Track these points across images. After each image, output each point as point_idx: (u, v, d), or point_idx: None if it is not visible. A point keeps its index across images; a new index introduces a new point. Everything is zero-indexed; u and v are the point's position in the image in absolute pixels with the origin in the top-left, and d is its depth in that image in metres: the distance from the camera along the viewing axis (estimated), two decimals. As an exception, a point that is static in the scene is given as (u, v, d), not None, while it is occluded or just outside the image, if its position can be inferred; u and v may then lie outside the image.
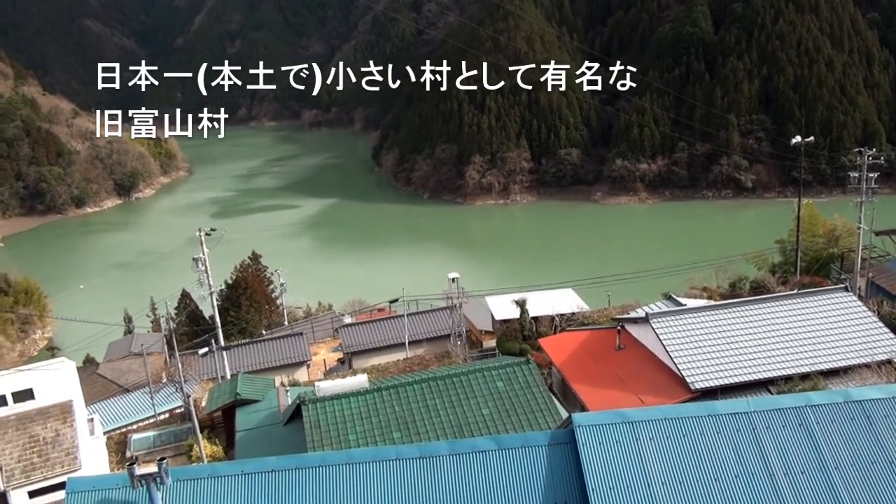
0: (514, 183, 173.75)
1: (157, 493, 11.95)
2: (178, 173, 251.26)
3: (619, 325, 32.89)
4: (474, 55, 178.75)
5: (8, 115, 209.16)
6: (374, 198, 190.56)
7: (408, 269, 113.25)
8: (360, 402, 23.44)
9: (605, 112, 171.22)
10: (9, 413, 26.10)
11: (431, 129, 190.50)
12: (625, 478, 11.77)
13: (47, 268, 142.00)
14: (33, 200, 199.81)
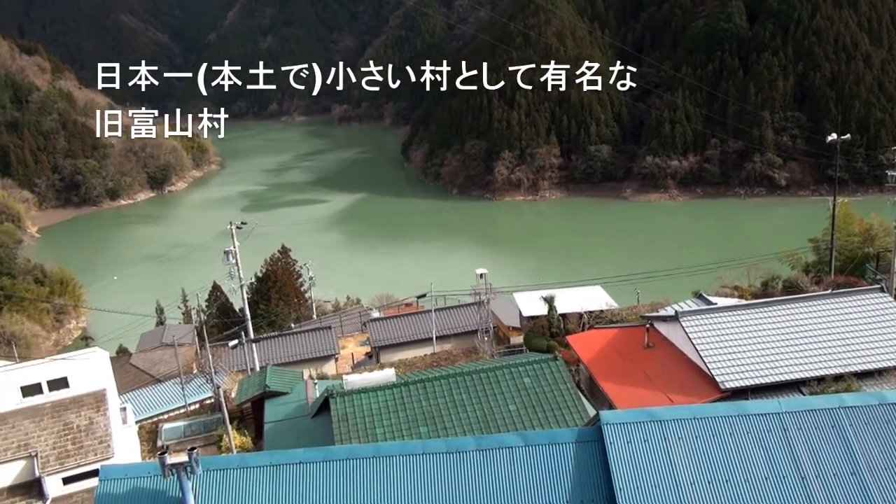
0: (543, 179, 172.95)
1: (187, 482, 12.10)
2: (210, 167, 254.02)
3: (648, 323, 32.61)
4: (505, 50, 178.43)
5: (45, 108, 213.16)
6: (402, 193, 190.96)
7: (436, 264, 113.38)
8: (387, 396, 23.53)
9: (637, 108, 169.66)
10: (44, 401, 26.61)
11: (461, 125, 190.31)
12: (652, 477, 11.68)
13: (82, 259, 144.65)
14: (69, 192, 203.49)
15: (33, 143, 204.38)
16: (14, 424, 25.67)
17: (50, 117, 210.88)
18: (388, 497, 12.09)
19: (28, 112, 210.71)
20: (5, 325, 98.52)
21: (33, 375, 26.61)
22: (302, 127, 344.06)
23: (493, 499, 12.01)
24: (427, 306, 57.53)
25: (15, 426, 25.62)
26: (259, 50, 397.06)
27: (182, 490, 12.14)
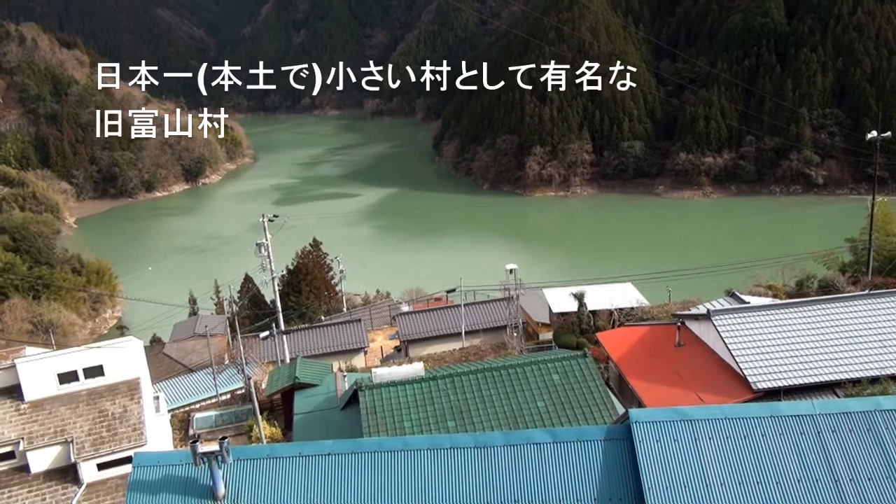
0: (575, 175, 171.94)
1: (218, 471, 12.27)
2: (244, 160, 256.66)
3: (680, 322, 32.27)
4: (537, 45, 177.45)
5: (84, 101, 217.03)
6: (433, 188, 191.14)
7: (466, 259, 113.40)
8: (415, 389, 23.61)
9: (671, 104, 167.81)
10: (80, 388, 27.12)
11: (493, 120, 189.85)
12: (682, 476, 11.57)
13: (118, 249, 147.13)
14: (106, 184, 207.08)
15: (72, 136, 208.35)
16: (51, 410, 26.24)
17: (88, 110, 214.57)
18: (415, 490, 12.14)
19: (67, 105, 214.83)
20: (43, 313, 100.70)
21: (70, 363, 27.12)
22: (334, 121, 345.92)
23: (520, 495, 12.00)
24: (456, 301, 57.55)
25: (52, 412, 26.19)
26: (293, 44, 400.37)
27: (213, 478, 12.31)
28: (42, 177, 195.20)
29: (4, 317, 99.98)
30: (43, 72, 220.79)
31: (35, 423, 25.87)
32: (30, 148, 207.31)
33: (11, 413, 26.12)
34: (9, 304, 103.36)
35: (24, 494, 24.64)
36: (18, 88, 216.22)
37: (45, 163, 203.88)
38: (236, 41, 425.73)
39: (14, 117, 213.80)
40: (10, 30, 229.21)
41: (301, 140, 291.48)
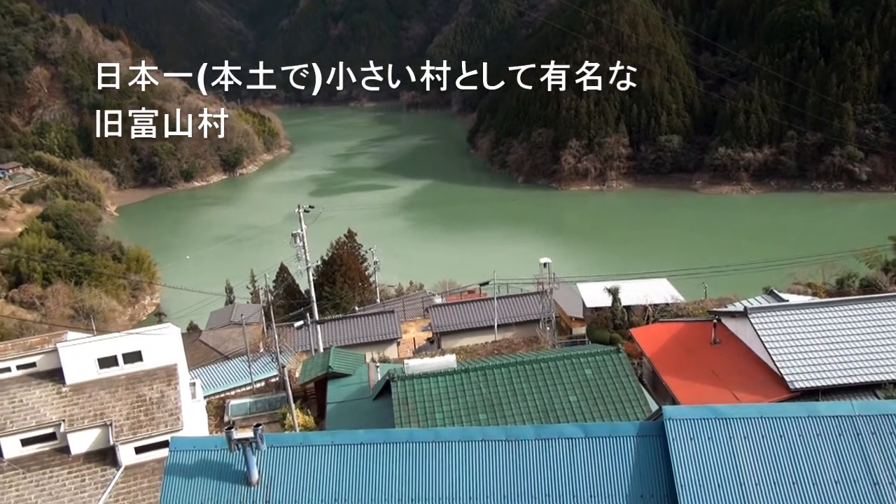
0: (611, 169, 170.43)
1: (252, 457, 12.45)
2: (280, 151, 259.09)
3: (716, 319, 31.86)
4: (575, 38, 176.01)
5: (125, 91, 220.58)
6: (468, 180, 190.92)
7: (499, 252, 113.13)
8: (447, 381, 23.66)
9: (710, 98, 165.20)
10: (119, 373, 27.71)
11: (528, 113, 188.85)
12: (716, 475, 11.43)
13: (157, 238, 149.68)
14: (146, 174, 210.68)
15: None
16: (91, 394, 26.86)
17: (129, 100, 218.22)
18: (446, 482, 12.18)
19: (109, 95, 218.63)
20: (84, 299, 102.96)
21: (110, 348, 27.70)
22: (370, 113, 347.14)
23: (551, 489, 11.97)
24: (490, 294, 57.50)
25: (92, 396, 26.80)
26: (330, 36, 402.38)
27: (247, 464, 12.49)
28: (84, 165, 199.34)
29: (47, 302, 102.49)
30: (86, 62, 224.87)
31: (76, 406, 26.50)
32: (73, 137, 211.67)
33: (53, 396, 26.79)
34: (51, 290, 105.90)
35: (64, 475, 25.28)
36: (63, 79, 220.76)
37: (87, 152, 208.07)
38: (274, 33, 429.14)
39: (58, 107, 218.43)
40: (56, 21, 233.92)
41: (337, 132, 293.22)
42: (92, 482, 25.19)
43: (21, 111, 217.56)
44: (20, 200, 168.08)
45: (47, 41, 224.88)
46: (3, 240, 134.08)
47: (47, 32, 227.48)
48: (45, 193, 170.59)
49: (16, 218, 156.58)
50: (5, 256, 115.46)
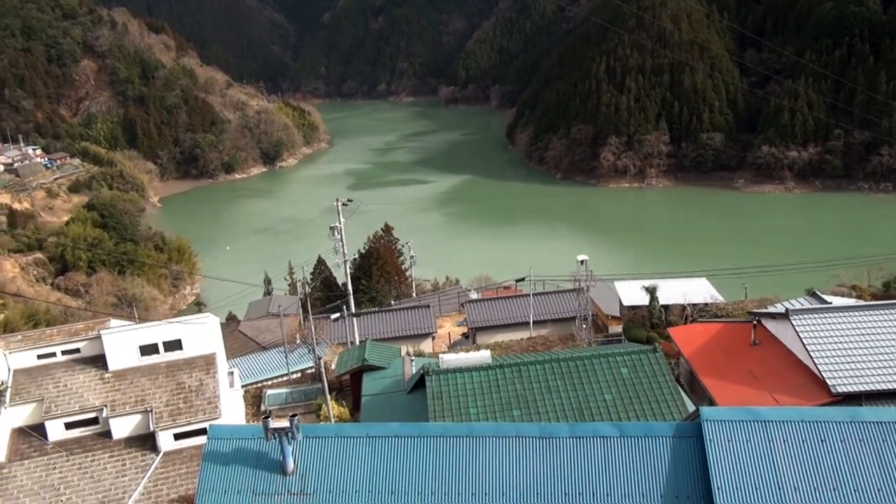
0: (651, 166, 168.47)
1: (287, 447, 12.62)
2: (320, 144, 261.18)
3: (756, 320, 31.33)
4: (616, 33, 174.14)
5: (169, 84, 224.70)
6: (505, 176, 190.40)
7: (536, 248, 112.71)
8: (482, 377, 23.67)
9: (754, 95, 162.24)
10: (160, 360, 28.23)
11: (568, 109, 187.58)
12: (753, 478, 11.27)
13: (198, 228, 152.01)
14: (188, 165, 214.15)
15: (158, 117, 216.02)
16: (133, 381, 27.42)
17: (173, 93, 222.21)
18: (479, 476, 12.20)
19: (154, 88, 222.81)
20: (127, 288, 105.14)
21: (151, 336, 28.23)
22: (409, 107, 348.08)
23: (584, 487, 11.91)
24: (526, 290, 57.29)
25: (133, 382, 27.36)
26: (370, 30, 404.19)
27: (283, 454, 12.66)
28: (129, 157, 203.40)
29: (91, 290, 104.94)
30: (132, 55, 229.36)
31: (118, 392, 27.08)
32: (118, 128, 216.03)
33: (96, 381, 27.41)
34: (96, 278, 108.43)
35: (105, 459, 25.86)
36: (109, 71, 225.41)
37: (132, 143, 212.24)
38: (315, 27, 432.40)
39: (104, 98, 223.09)
40: (103, 15, 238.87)
41: (376, 126, 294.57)
42: (132, 466, 25.74)
43: (69, 103, 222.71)
44: (67, 190, 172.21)
45: (95, 34, 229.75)
46: (51, 228, 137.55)
47: (95, 26, 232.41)
48: (90, 183, 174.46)
49: (63, 207, 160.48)
50: (52, 244, 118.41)
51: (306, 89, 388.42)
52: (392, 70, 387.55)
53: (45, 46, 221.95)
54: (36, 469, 25.43)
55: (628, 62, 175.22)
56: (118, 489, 24.99)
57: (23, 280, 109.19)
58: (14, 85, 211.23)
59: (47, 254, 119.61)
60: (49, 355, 28.21)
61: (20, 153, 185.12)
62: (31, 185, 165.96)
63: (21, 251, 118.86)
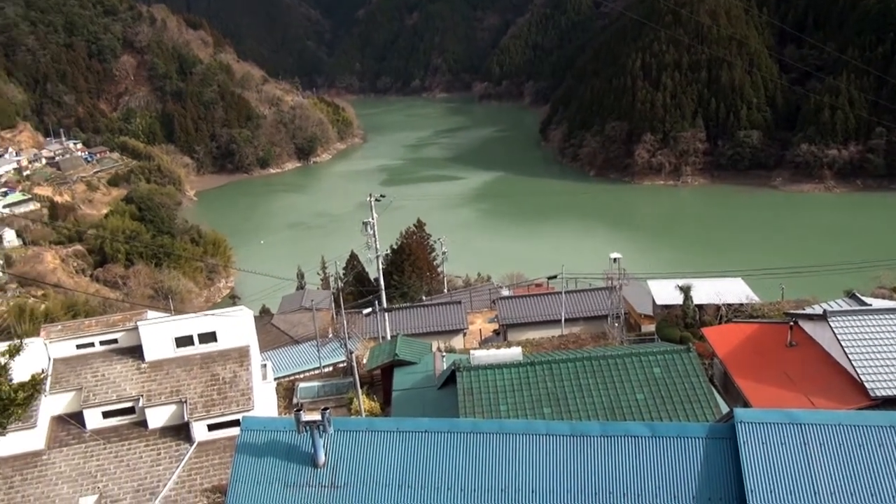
0: (686, 164, 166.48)
1: (319, 440, 12.72)
2: (353, 140, 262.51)
3: (793, 321, 30.80)
4: (653, 29, 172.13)
5: (207, 80, 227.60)
6: (538, 173, 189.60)
7: (568, 246, 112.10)
8: (512, 373, 23.61)
9: (794, 92, 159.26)
10: (194, 352, 28.65)
11: (602, 105, 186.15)
12: (788, 482, 11.08)
13: (233, 222, 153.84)
14: (224, 160, 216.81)
15: (195, 113, 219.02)
16: (168, 371, 27.88)
17: (210, 88, 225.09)
18: (509, 473, 12.18)
19: (191, 83, 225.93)
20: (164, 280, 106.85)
21: (186, 328, 28.66)
22: (442, 103, 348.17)
23: (615, 487, 11.82)
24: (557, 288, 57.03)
25: (169, 373, 27.82)
26: (405, 26, 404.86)
27: (314, 446, 12.76)
28: (166, 151, 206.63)
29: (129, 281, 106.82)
30: (170, 51, 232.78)
31: (153, 383, 27.56)
32: (156, 123, 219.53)
33: (133, 371, 27.92)
34: (133, 270, 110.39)
35: (141, 448, 26.34)
36: (148, 67, 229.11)
37: (169, 137, 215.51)
38: (350, 23, 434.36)
39: (143, 94, 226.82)
40: (143, 11, 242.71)
41: (409, 122, 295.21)
42: (167, 456, 26.18)
43: (109, 98, 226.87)
44: (106, 183, 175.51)
45: (134, 30, 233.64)
46: (90, 221, 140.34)
47: (135, 22, 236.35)
48: (129, 177, 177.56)
49: (102, 200, 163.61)
50: (92, 237, 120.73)
51: (340, 85, 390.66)
52: (426, 66, 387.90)
53: (86, 42, 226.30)
54: (74, 456, 25.99)
55: (664, 58, 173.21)
56: (153, 478, 25.45)
57: (63, 271, 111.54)
58: (56, 80, 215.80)
59: (87, 246, 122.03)
60: (88, 345, 28.81)
61: (62, 147, 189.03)
62: (71, 178, 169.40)
63: (62, 243, 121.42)
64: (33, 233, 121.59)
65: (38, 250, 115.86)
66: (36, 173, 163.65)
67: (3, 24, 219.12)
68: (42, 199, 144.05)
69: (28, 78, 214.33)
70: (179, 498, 24.86)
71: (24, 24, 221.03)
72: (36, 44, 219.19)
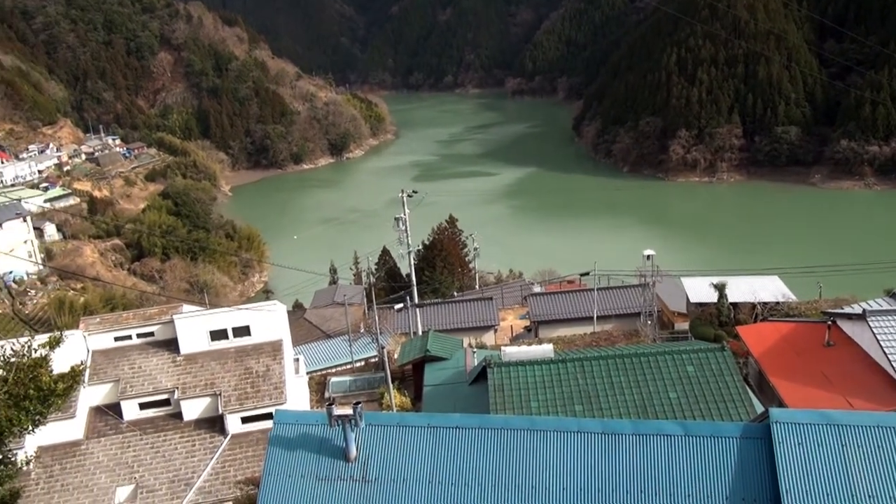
0: (722, 160, 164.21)
1: (350, 434, 12.82)
2: (386, 136, 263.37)
3: (830, 320, 30.24)
4: (689, 23, 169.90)
5: (242, 76, 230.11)
6: (571, 169, 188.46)
7: (601, 243, 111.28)
8: (543, 370, 23.52)
9: (833, 87, 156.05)
10: (228, 346, 29.04)
11: (637, 101, 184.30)
12: (825, 484, 10.89)
13: (266, 217, 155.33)
14: (258, 156, 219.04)
15: (230, 109, 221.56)
16: (203, 364, 28.30)
17: (245, 85, 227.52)
18: (539, 470, 12.15)
19: (227, 79, 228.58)
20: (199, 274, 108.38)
21: (221, 322, 29.06)
22: (475, 99, 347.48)
23: (646, 485, 11.74)
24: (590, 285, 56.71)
25: (203, 366, 28.24)
26: (438, 22, 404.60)
27: (346, 440, 12.87)
28: (202, 147, 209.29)
29: (166, 275, 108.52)
30: (206, 48, 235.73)
31: (189, 375, 27.99)
32: (192, 119, 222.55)
33: (169, 364, 28.39)
34: (169, 264, 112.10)
35: (176, 439, 26.79)
36: (184, 63, 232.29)
37: (205, 133, 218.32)
38: (384, 19, 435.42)
39: (180, 90, 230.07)
40: (180, 9, 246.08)
41: (441, 118, 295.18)
42: (201, 447, 26.59)
43: (146, 94, 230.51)
44: (144, 179, 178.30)
45: (171, 28, 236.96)
46: (128, 215, 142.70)
47: (172, 19, 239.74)
48: (165, 172, 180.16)
49: (139, 195, 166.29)
50: (129, 231, 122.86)
51: (373, 81, 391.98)
52: (459, 62, 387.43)
53: (124, 40, 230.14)
54: (111, 446, 26.53)
55: (700, 53, 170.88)
56: (188, 469, 25.87)
57: (101, 265, 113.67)
58: (96, 77, 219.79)
59: (124, 240, 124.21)
60: (125, 338, 29.35)
61: (101, 143, 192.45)
62: (110, 173, 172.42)
63: (100, 237, 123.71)
64: (73, 227, 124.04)
65: (77, 244, 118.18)
66: (76, 168, 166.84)
67: (45, 23, 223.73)
68: (82, 194, 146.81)
69: (69, 75, 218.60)
70: (213, 489, 25.24)
71: (64, 23, 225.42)
72: (76, 41, 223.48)
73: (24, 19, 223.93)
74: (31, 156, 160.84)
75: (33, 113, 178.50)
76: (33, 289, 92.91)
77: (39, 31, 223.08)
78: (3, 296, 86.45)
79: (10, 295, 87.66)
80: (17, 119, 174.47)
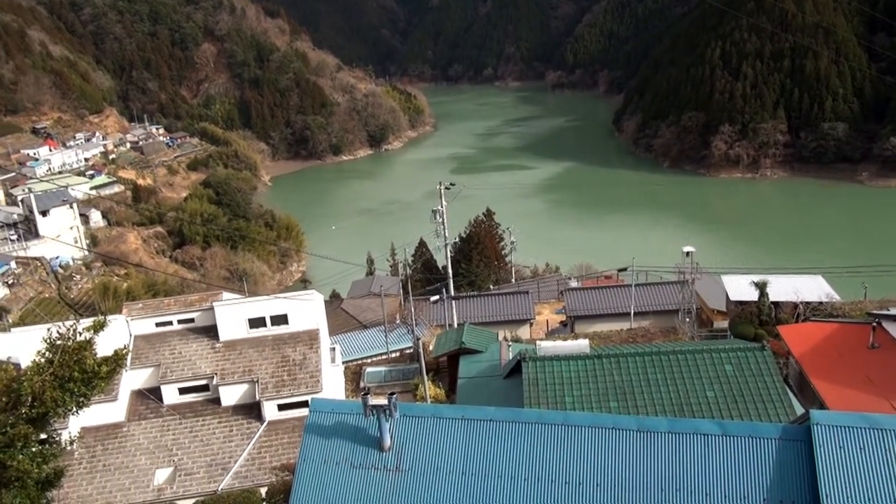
0: (766, 156, 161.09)
1: (385, 424, 12.92)
2: (425, 128, 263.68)
3: (876, 321, 29.53)
4: (734, 16, 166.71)
5: (283, 67, 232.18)
6: (611, 164, 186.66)
7: (639, 238, 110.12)
8: (579, 366, 23.40)
9: (883, 82, 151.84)
10: (266, 334, 29.43)
11: (679, 95, 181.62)
12: (866, 488, 10.67)
13: (305, 207, 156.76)
14: (298, 146, 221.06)
15: (271, 99, 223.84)
16: (241, 351, 28.73)
17: (286, 76, 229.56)
18: (573, 466, 12.11)
19: (268, 70, 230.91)
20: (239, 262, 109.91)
21: (259, 310, 29.46)
22: (514, 92, 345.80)
23: (682, 484, 11.62)
24: (627, 280, 56.14)
25: (242, 353, 28.67)
26: (479, 14, 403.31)
27: (380, 430, 12.97)
28: (243, 137, 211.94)
29: (206, 263, 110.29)
30: (249, 39, 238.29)
31: (227, 362, 28.44)
32: (234, 110, 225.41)
33: (208, 350, 28.87)
34: (210, 252, 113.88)
35: (214, 424, 27.26)
36: (227, 54, 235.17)
37: (246, 124, 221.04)
38: (424, 11, 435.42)
39: (222, 81, 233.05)
40: (223, 0, 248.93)
41: (480, 111, 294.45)
42: (238, 433, 27.02)
43: (189, 84, 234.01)
44: (186, 168, 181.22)
45: (215, 19, 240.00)
46: (170, 204, 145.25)
47: (215, 10, 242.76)
48: (207, 162, 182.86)
49: (181, 184, 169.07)
50: (172, 219, 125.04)
51: (413, 73, 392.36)
52: (498, 54, 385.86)
53: (169, 31, 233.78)
54: (152, 429, 27.10)
55: (745, 47, 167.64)
56: (225, 454, 26.31)
57: (144, 252, 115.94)
58: (141, 67, 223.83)
59: (167, 228, 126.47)
60: (166, 323, 29.92)
61: (145, 132, 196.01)
62: (153, 162, 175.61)
63: (143, 224, 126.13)
64: (117, 214, 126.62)
65: (121, 231, 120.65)
66: (121, 157, 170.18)
67: (92, 14, 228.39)
68: (126, 182, 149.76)
69: (115, 65, 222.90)
70: (249, 474, 25.64)
71: (112, 14, 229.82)
72: (123, 32, 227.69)
73: (73, 10, 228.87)
74: (78, 144, 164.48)
75: (80, 102, 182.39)
76: (78, 274, 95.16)
77: (87, 23, 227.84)
78: (49, 280, 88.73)
79: (57, 279, 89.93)
80: (65, 108, 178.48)
